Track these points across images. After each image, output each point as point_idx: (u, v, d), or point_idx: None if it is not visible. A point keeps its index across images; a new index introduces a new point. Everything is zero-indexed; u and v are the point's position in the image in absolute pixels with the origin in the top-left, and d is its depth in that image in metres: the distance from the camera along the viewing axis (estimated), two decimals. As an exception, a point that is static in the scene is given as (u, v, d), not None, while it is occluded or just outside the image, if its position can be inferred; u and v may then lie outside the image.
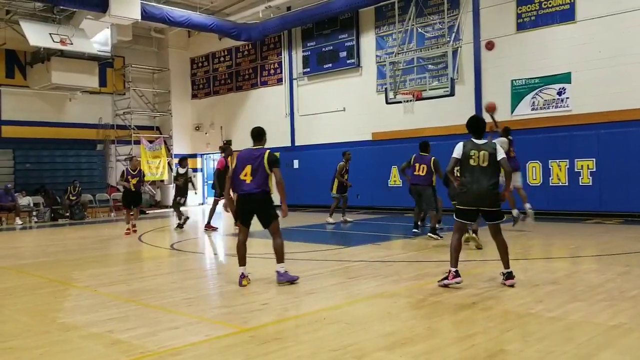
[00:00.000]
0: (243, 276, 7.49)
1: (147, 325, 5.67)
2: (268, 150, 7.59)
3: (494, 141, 7.44)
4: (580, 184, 15.12)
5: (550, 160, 15.64)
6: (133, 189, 14.63)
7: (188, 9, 22.59)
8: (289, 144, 23.54)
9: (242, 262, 7.59)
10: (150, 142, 26.20)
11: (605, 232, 12.19)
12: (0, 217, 19.95)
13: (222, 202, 8.48)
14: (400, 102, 17.22)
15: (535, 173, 15.93)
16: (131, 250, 12.09)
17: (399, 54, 18.22)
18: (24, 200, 20.78)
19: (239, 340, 5.07)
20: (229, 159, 14.80)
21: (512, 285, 6.83)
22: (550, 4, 16.11)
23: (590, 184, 14.95)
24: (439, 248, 10.60)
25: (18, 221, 19.61)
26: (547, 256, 9.70)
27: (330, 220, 15.90)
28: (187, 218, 16.01)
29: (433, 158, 11.73)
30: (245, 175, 7.51)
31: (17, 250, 12.26)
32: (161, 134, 27.64)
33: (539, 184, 15.83)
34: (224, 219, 16.74)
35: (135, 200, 14.94)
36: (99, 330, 5.49)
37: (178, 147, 27.72)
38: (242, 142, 25.59)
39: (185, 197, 16.37)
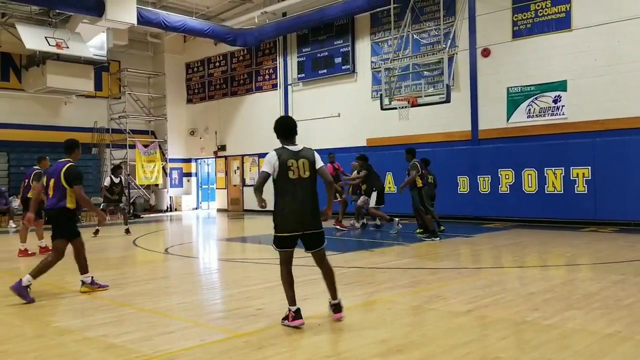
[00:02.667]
0: (82, 283, 7.64)
1: (141, 329, 5.64)
2: (68, 165, 7.40)
3: (312, 148, 5.95)
4: (576, 192, 15.13)
5: (545, 168, 15.64)
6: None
7: (184, 14, 22.63)
8: (284, 150, 23.49)
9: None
10: (145, 146, 26.21)
11: (600, 241, 12.20)
12: (-7, 221, 19.82)
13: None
14: (395, 108, 17.20)
15: (530, 181, 15.94)
16: (125, 254, 12.04)
17: (394, 60, 18.20)
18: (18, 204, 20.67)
19: (234, 345, 5.04)
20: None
21: (339, 320, 5.71)
22: (545, 12, 16.17)
23: (586, 192, 14.96)
24: (434, 255, 10.63)
25: (12, 224, 19.53)
26: (542, 264, 9.70)
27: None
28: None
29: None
30: (50, 190, 7.41)
31: (10, 254, 12.15)
32: (156, 138, 27.60)
33: (534, 192, 15.84)
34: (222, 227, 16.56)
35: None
36: (93, 334, 5.46)
37: (173, 151, 27.70)
38: (237, 147, 25.63)
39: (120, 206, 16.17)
